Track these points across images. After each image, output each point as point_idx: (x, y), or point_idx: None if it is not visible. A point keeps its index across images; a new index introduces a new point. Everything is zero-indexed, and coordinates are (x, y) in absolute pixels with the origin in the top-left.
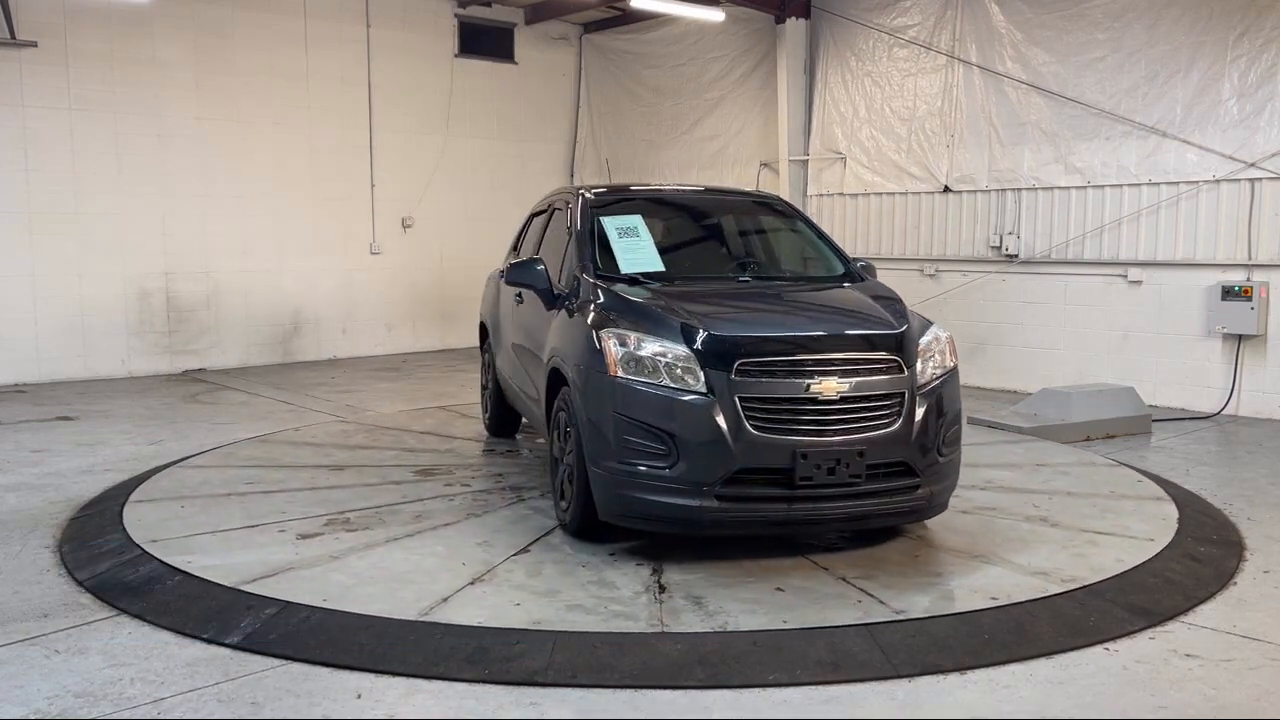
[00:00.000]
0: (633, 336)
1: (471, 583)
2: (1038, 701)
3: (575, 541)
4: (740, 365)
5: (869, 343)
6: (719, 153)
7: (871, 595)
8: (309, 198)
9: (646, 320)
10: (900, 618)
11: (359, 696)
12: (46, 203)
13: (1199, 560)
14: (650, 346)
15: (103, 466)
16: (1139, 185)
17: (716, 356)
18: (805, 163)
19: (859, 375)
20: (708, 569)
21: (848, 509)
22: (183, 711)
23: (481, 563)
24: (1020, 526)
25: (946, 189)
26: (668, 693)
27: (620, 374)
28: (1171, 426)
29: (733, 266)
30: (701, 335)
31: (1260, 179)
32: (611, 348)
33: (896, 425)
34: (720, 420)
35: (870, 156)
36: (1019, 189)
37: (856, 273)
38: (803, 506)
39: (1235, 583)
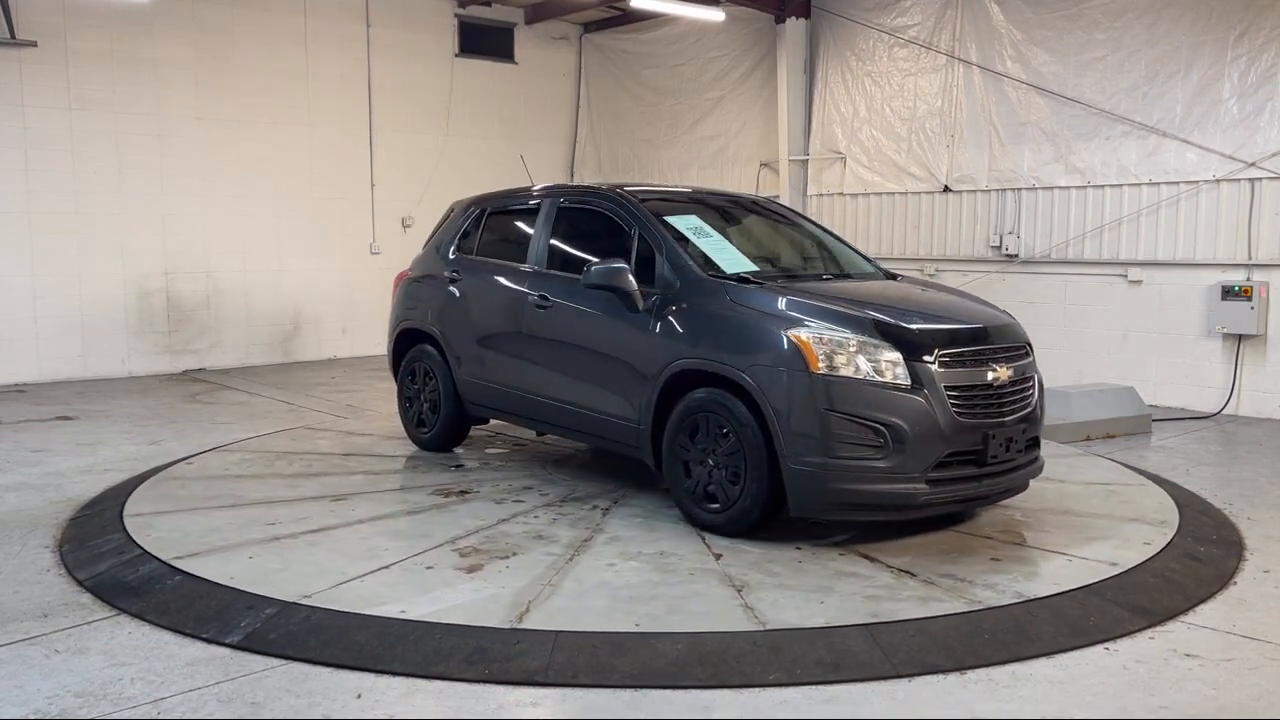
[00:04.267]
0: (828, 334)
1: (738, 590)
2: (1038, 701)
3: (747, 541)
4: (941, 357)
5: (1013, 332)
6: (719, 153)
7: (1074, 555)
8: (309, 198)
9: (831, 317)
10: (1115, 572)
11: (359, 696)
12: (46, 203)
13: (1199, 560)
14: (849, 343)
15: (103, 466)
16: (1139, 185)
17: (918, 349)
18: (805, 163)
19: (1014, 360)
20: (905, 551)
21: (1008, 481)
22: (183, 711)
23: (706, 571)
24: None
25: (946, 189)
26: (668, 692)
27: (824, 371)
28: (1171, 426)
29: (798, 265)
30: (902, 330)
31: (1260, 179)
32: (812, 346)
33: (1035, 402)
34: (933, 409)
35: (870, 156)
36: (1019, 189)
37: (886, 270)
38: (989, 482)
39: (1235, 582)
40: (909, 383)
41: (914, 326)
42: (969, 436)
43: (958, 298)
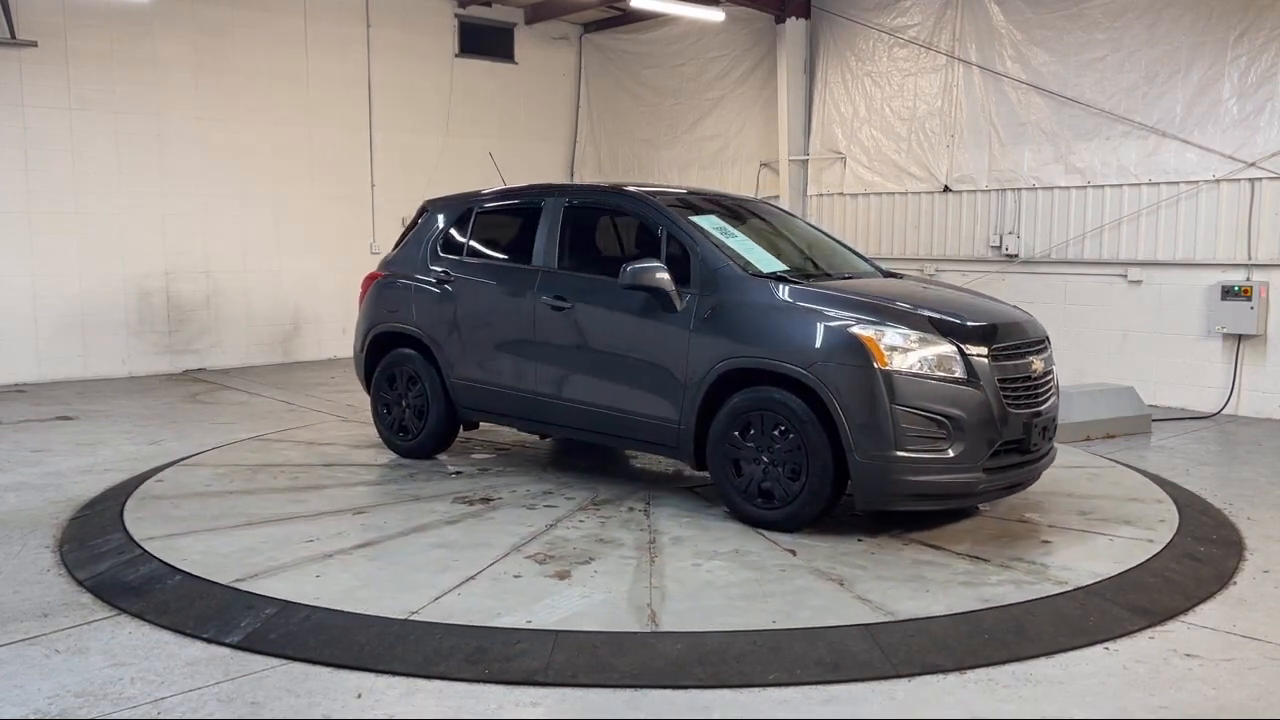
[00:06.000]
0: (889, 330)
1: (840, 583)
2: (1038, 701)
3: (809, 537)
4: (993, 350)
5: (1038, 327)
6: (719, 153)
7: (1112, 534)
8: (309, 198)
9: (888, 314)
10: (1157, 549)
11: (359, 696)
12: (46, 203)
13: (1199, 560)
14: (910, 339)
15: (103, 466)
16: (1139, 185)
17: (972, 344)
18: (805, 163)
19: (1042, 353)
20: (959, 538)
21: (1039, 468)
22: (183, 711)
23: (794, 567)
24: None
25: (946, 189)
26: (667, 692)
27: (891, 366)
28: (1171, 426)
29: (810, 265)
30: (955, 325)
31: (1260, 179)
32: (877, 342)
33: (1056, 392)
34: (989, 400)
35: (870, 156)
36: (1019, 189)
37: (884, 269)
38: (1028, 469)
39: (1235, 582)
40: (965, 376)
41: (969, 323)
42: (1016, 426)
43: (976, 296)
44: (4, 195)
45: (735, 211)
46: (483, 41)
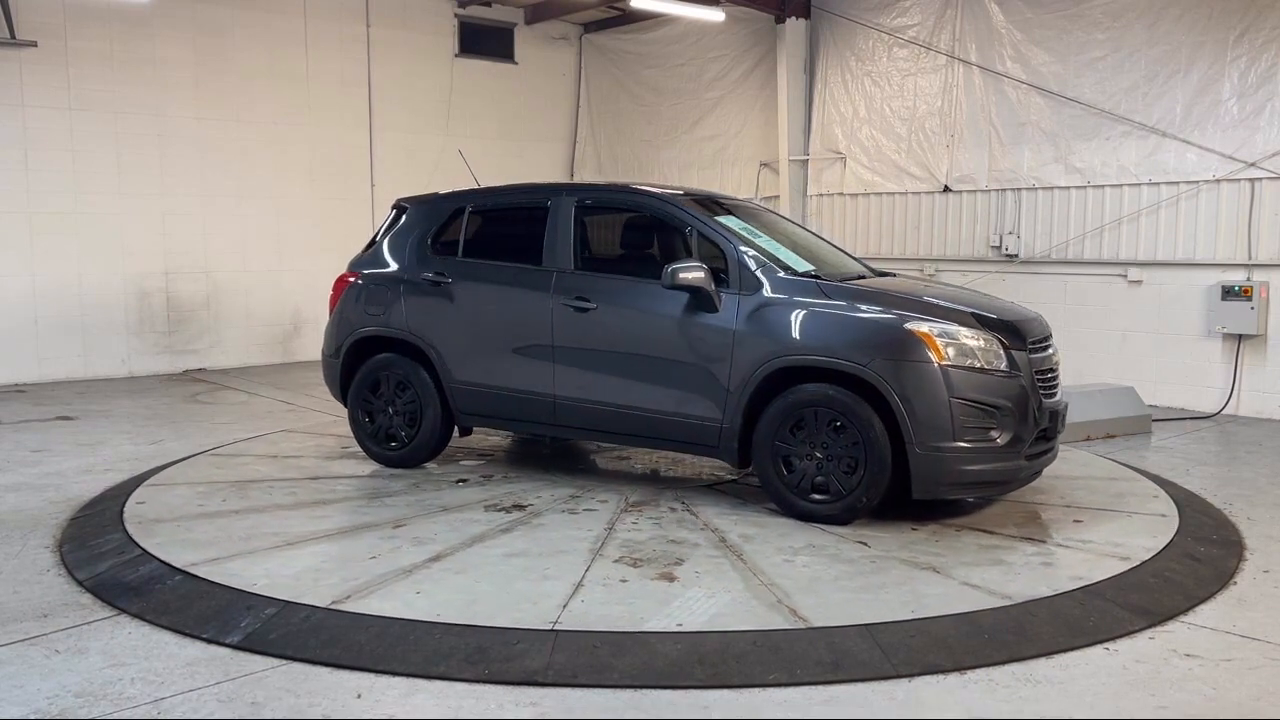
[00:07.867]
0: (941, 326)
1: (938, 572)
2: (1038, 701)
3: (869, 528)
4: (1030, 344)
5: (1047, 323)
6: (719, 153)
7: (1132, 511)
8: (309, 198)
9: (939, 312)
10: (1174, 530)
11: (359, 696)
12: (46, 203)
13: (1199, 560)
14: (962, 334)
15: (103, 466)
16: (1139, 185)
17: (1013, 338)
18: (805, 163)
19: (1053, 347)
20: (1001, 522)
21: (1055, 455)
22: (183, 711)
23: (882, 558)
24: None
25: (946, 189)
26: (668, 693)
27: (949, 361)
28: (1171, 426)
29: (818, 265)
30: (996, 321)
31: (1260, 179)
32: (935, 338)
33: (1060, 384)
34: (1030, 392)
35: (870, 156)
36: (1019, 189)
37: (876, 270)
38: (1050, 455)
39: (1235, 582)
40: (1008, 368)
41: (1004, 318)
42: (1045, 415)
43: (984, 295)
44: (4, 195)
45: (731, 212)
46: (483, 41)
